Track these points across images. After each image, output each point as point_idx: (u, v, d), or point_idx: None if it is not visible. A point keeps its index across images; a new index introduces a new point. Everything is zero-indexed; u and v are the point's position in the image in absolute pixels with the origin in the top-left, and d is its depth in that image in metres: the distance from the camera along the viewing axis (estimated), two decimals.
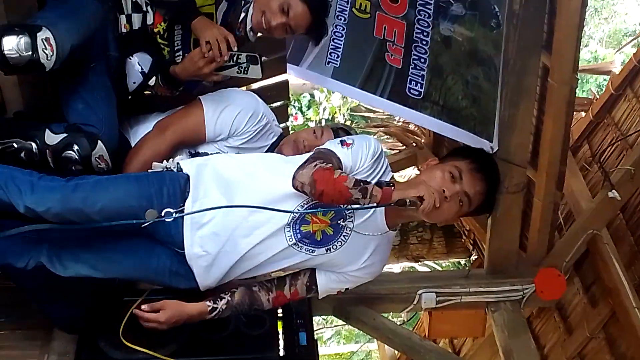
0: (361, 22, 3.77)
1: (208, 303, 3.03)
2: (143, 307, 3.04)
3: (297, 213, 2.85)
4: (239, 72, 3.32)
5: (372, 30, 3.74)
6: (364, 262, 3.02)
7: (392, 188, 2.70)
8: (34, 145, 3.06)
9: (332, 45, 3.86)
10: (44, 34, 2.76)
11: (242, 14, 3.38)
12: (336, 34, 3.83)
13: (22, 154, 3.07)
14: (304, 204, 2.87)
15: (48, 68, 2.80)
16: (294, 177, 2.80)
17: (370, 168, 2.89)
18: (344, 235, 2.93)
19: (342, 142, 2.90)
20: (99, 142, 3.06)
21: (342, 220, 2.90)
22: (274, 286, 3.08)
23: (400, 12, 3.64)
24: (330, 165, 2.77)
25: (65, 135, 3.05)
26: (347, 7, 3.76)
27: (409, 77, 3.73)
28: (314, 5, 3.31)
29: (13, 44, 2.72)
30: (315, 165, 2.75)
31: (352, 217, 2.91)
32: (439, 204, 2.69)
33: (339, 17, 3.81)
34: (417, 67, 3.69)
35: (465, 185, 2.80)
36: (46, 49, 2.77)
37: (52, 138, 3.05)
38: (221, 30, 3.25)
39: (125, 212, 2.84)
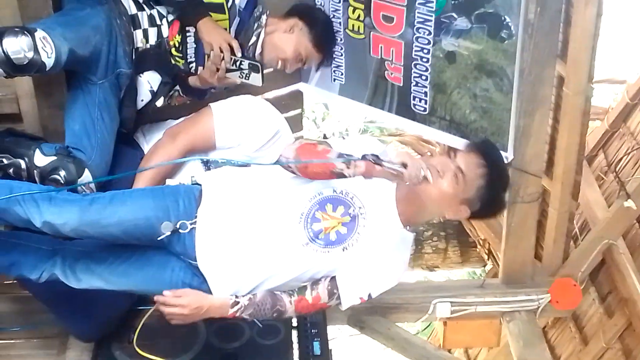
0: (357, 42, 3.76)
1: (231, 297, 2.93)
2: (165, 292, 2.92)
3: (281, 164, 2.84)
4: (241, 77, 3.34)
5: (368, 50, 3.74)
6: (386, 260, 2.97)
7: (377, 158, 2.65)
8: (22, 163, 3.10)
9: (334, 63, 3.87)
10: (40, 33, 2.85)
11: (253, 38, 3.42)
12: (336, 52, 3.84)
13: (11, 170, 3.10)
14: (311, 203, 2.88)
15: (49, 67, 2.88)
16: (280, 155, 2.83)
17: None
18: (358, 233, 2.89)
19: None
20: (86, 170, 3.10)
21: (351, 212, 2.87)
22: (295, 292, 2.99)
23: (397, 31, 3.62)
24: (315, 142, 2.82)
25: (54, 158, 3.09)
26: (341, 28, 3.76)
27: (412, 94, 3.73)
28: (324, 47, 3.55)
29: (15, 43, 2.80)
30: (300, 142, 2.81)
31: (361, 206, 2.89)
32: (426, 173, 2.66)
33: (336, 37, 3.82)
34: (419, 85, 3.68)
35: (459, 160, 2.83)
36: (45, 47, 2.86)
37: (41, 159, 3.09)
38: (225, 36, 3.30)
39: (142, 223, 2.86)
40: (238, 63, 3.30)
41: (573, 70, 3.46)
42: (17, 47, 2.82)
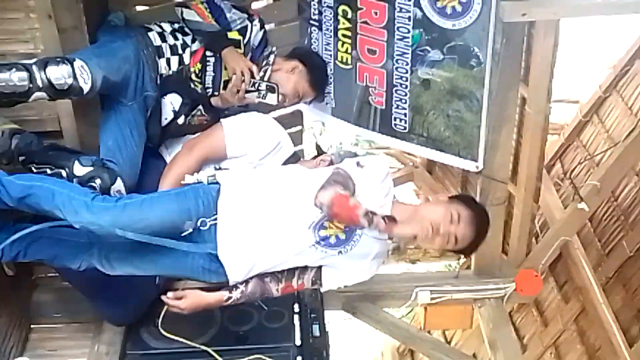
0: (345, 71, 3.77)
1: (225, 293, 2.99)
2: (168, 294, 3.02)
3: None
4: (259, 97, 3.35)
5: (355, 79, 3.75)
6: (366, 264, 3.03)
7: (395, 223, 2.72)
8: (63, 172, 3.10)
9: (326, 89, 3.86)
10: (78, 63, 2.87)
11: (261, 73, 3.39)
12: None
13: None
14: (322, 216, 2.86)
15: (86, 91, 2.90)
16: (316, 196, 2.78)
17: (378, 187, 2.90)
18: (353, 241, 2.92)
19: (358, 163, 2.92)
20: (118, 179, 3.10)
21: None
22: (283, 277, 3.04)
23: (379, 62, 3.64)
24: (348, 192, 2.77)
25: (91, 168, 3.08)
26: (331, 60, 3.78)
27: (393, 115, 3.73)
28: (319, 87, 3.61)
29: (57, 71, 2.82)
30: (335, 190, 2.74)
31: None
32: (430, 237, 2.76)
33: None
34: (399, 107, 3.70)
35: (459, 230, 2.81)
36: (83, 74, 2.88)
37: (79, 170, 3.09)
38: (246, 62, 3.31)
39: (168, 225, 2.86)
40: (256, 85, 3.31)
41: (534, 92, 3.47)
42: (59, 74, 2.83)
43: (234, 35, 3.38)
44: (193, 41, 3.33)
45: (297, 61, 3.50)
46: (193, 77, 3.35)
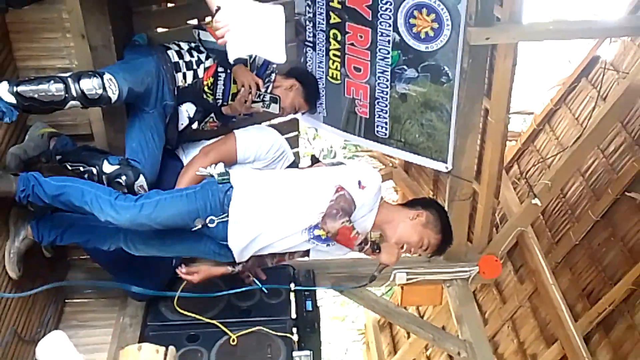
0: (335, 86, 3.79)
1: (229, 267, 3.06)
2: (182, 268, 3.08)
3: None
4: (263, 106, 3.36)
5: (344, 92, 3.76)
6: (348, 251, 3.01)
7: (378, 252, 2.86)
8: (94, 170, 3.10)
9: (318, 101, 3.88)
10: (107, 76, 2.88)
11: (265, 87, 3.38)
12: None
13: (86, 175, 3.10)
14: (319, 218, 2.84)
15: (113, 100, 2.92)
16: (324, 222, 2.76)
17: (373, 202, 2.90)
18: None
19: (359, 183, 2.85)
20: (141, 175, 3.10)
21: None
22: (278, 254, 3.08)
23: (364, 78, 3.65)
24: (352, 224, 2.76)
25: (118, 166, 3.09)
26: (323, 76, 3.80)
27: (376, 123, 3.75)
28: (313, 102, 3.66)
29: (89, 83, 2.83)
30: (342, 223, 2.72)
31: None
32: (407, 249, 2.95)
33: (319, 82, 3.83)
34: (381, 117, 3.71)
35: (428, 249, 2.97)
36: (111, 86, 2.88)
37: (107, 167, 3.09)
38: (254, 77, 3.33)
39: (179, 222, 2.87)
40: (262, 96, 3.32)
41: (495, 104, 3.47)
42: (90, 86, 2.83)
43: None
44: (207, 58, 3.33)
45: (294, 80, 3.51)
46: (206, 89, 3.34)
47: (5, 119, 2.71)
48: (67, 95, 2.80)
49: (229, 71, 3.32)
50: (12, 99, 2.71)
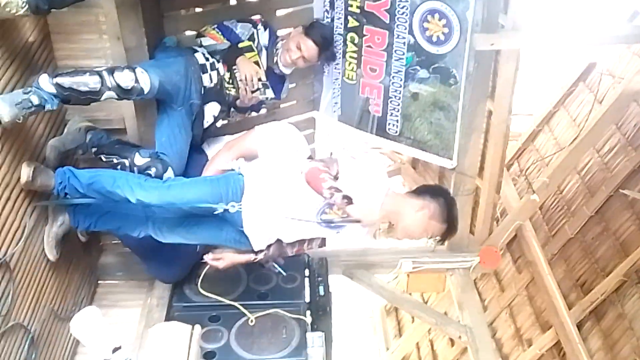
0: (350, 86, 3.78)
1: (252, 255, 3.04)
2: (209, 255, 3.08)
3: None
4: (262, 94, 3.44)
5: (358, 91, 3.76)
6: (361, 238, 3.00)
7: (350, 203, 2.72)
8: (126, 162, 3.11)
9: (334, 100, 3.90)
10: (139, 70, 2.89)
11: (275, 58, 3.45)
12: (334, 91, 3.87)
13: (119, 166, 3.13)
14: (324, 202, 2.85)
15: (146, 91, 2.92)
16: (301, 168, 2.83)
17: (363, 178, 2.86)
18: (348, 224, 2.89)
19: (352, 157, 2.89)
20: (170, 168, 3.12)
21: (348, 215, 2.87)
22: (297, 244, 3.03)
23: (379, 78, 3.64)
24: (326, 169, 2.78)
25: (148, 159, 3.10)
26: (339, 76, 3.79)
27: (388, 121, 3.73)
28: (317, 39, 3.39)
29: (122, 76, 2.84)
30: (314, 164, 2.80)
31: None
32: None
33: (334, 82, 3.84)
34: (393, 115, 3.70)
35: (434, 232, 2.85)
36: (143, 78, 2.89)
37: (139, 160, 3.10)
38: (254, 67, 3.35)
39: (203, 203, 2.87)
40: (262, 87, 3.41)
41: (498, 106, 3.47)
42: (123, 78, 2.84)
43: (245, 44, 3.38)
44: (218, 61, 3.34)
45: (299, 27, 3.47)
46: (226, 84, 3.36)
47: (48, 106, 2.70)
48: (102, 86, 2.81)
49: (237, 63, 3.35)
50: (52, 89, 2.73)
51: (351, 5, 3.54)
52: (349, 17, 3.58)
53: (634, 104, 4.00)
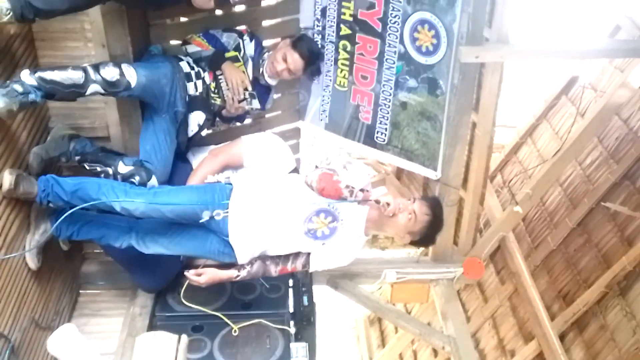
0: (342, 93, 3.77)
1: (234, 271, 3.02)
2: (190, 271, 3.04)
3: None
4: (248, 104, 3.45)
5: (349, 98, 3.75)
6: (344, 254, 3.02)
7: (369, 193, 2.85)
8: (110, 170, 3.10)
9: (322, 108, 3.88)
10: (125, 64, 2.90)
11: (261, 68, 3.44)
12: (324, 99, 3.85)
13: (102, 175, 3.11)
14: (311, 210, 2.86)
15: (133, 85, 2.91)
16: (306, 175, 2.89)
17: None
18: (335, 235, 2.92)
19: (344, 167, 2.93)
20: (153, 176, 3.11)
21: (335, 222, 2.90)
22: (280, 262, 3.04)
23: (370, 85, 3.65)
24: (332, 172, 2.85)
25: (132, 167, 3.09)
26: (331, 83, 3.78)
27: (376, 129, 3.74)
28: (304, 53, 3.38)
29: (107, 70, 2.84)
30: (321, 170, 2.86)
31: (342, 220, 2.89)
32: (399, 209, 2.83)
33: (325, 89, 3.82)
34: (382, 123, 3.70)
35: (416, 205, 2.90)
36: (129, 72, 2.89)
37: (123, 168, 3.10)
38: (240, 75, 3.34)
39: (189, 211, 2.86)
40: (249, 95, 3.40)
41: (482, 118, 3.48)
42: (108, 72, 2.84)
43: (231, 54, 3.37)
44: (204, 70, 3.33)
45: (285, 40, 3.45)
46: (211, 94, 3.35)
47: (32, 96, 2.67)
48: (86, 80, 2.79)
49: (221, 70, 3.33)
50: (34, 82, 2.70)
51: (344, 14, 3.55)
52: (342, 25, 3.59)
53: (616, 118, 4.03)
